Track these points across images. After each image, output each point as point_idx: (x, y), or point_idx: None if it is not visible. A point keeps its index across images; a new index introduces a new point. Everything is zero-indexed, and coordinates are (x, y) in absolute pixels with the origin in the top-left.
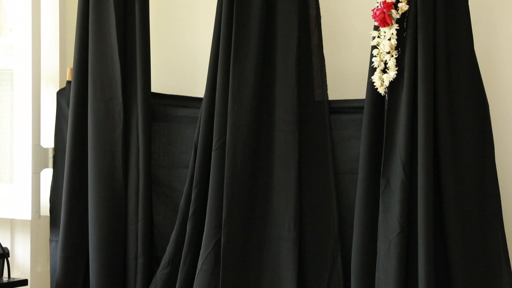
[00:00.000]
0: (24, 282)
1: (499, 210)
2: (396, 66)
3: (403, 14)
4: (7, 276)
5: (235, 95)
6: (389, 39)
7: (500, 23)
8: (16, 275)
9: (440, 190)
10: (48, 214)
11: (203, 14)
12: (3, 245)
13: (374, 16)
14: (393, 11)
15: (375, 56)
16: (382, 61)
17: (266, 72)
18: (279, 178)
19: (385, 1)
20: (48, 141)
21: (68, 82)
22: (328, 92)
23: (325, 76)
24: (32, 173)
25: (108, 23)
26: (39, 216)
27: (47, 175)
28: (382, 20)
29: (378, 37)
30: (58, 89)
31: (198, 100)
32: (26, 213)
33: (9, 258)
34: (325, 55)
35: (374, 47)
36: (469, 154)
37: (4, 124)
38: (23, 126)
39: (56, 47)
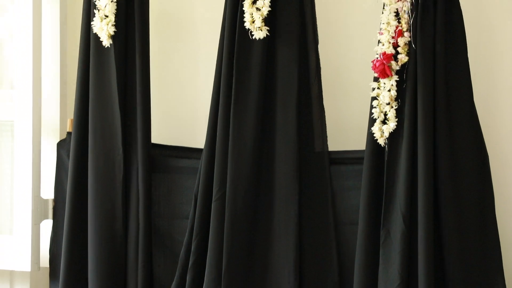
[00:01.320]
0: None
1: (500, 259)
2: (396, 117)
3: (403, 66)
4: None
5: (235, 146)
6: (389, 90)
7: (498, 75)
8: None
9: (440, 241)
10: (47, 265)
11: (203, 64)
12: None
13: (374, 68)
14: (393, 62)
15: (375, 107)
16: (382, 112)
17: (266, 123)
18: (279, 230)
19: (384, 53)
20: (48, 192)
21: (69, 133)
22: (328, 143)
23: (325, 127)
24: (32, 224)
25: (108, 74)
26: (39, 267)
27: (47, 226)
28: (382, 71)
29: (378, 88)
30: (58, 140)
31: (198, 151)
32: (25, 265)
33: None
34: (325, 106)
35: (374, 98)
36: (469, 204)
37: (4, 175)
38: (23, 177)
39: (56, 98)
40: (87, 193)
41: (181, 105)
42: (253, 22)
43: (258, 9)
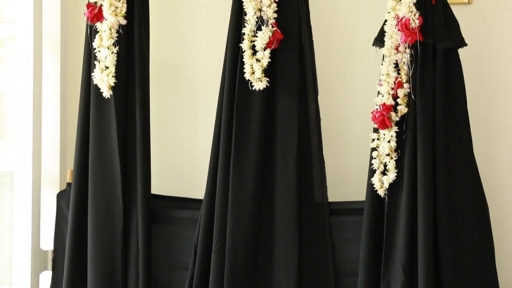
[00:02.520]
0: None
1: None
2: (396, 168)
3: (403, 117)
4: None
5: (235, 197)
6: (389, 141)
7: (498, 127)
8: None
9: None
10: None
11: (203, 115)
12: None
13: (374, 119)
14: (393, 113)
15: (374, 158)
16: (381, 163)
17: (266, 174)
18: (279, 281)
19: (384, 104)
20: (47, 243)
21: (69, 184)
22: (328, 193)
23: (325, 177)
24: (31, 276)
25: (109, 125)
26: None
27: (46, 277)
28: (382, 122)
29: (378, 139)
30: (58, 191)
31: (198, 201)
32: None
33: None
34: (325, 157)
35: (373, 149)
36: (470, 256)
37: (4, 226)
38: (23, 228)
39: (56, 149)
40: (86, 244)
41: (181, 156)
42: (253, 73)
43: (258, 60)
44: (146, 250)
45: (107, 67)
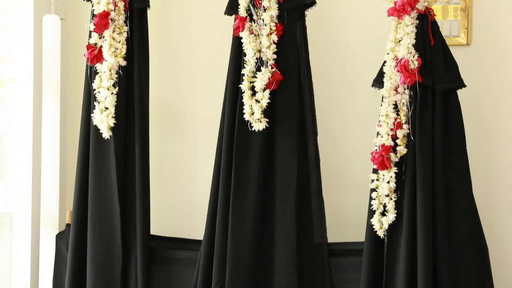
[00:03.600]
0: None
1: None
2: (395, 209)
3: (402, 158)
4: None
5: (235, 238)
6: (388, 182)
7: (497, 168)
8: None
9: None
10: None
11: (203, 156)
12: None
13: (373, 159)
14: (392, 154)
15: (374, 199)
16: (381, 204)
17: (266, 214)
18: None
19: (383, 145)
20: (46, 285)
21: (68, 225)
22: (328, 234)
23: (324, 218)
24: None
25: (108, 166)
26: None
27: None
28: (381, 163)
29: (377, 180)
30: (57, 232)
31: (197, 242)
32: None
33: None
34: (324, 198)
35: (373, 190)
36: None
37: (3, 267)
38: (22, 269)
39: (56, 190)
40: (85, 285)
41: (180, 196)
42: (253, 114)
43: (257, 101)
44: None
45: (106, 108)
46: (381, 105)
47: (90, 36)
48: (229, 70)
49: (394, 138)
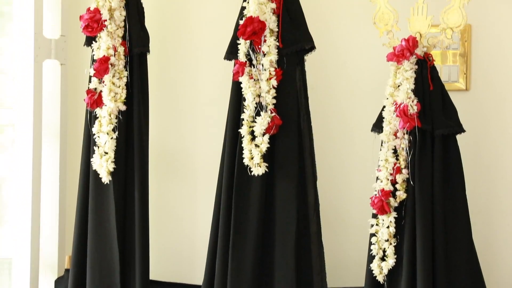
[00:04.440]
0: None
1: None
2: (395, 254)
3: (401, 202)
4: None
5: (234, 282)
6: (388, 227)
7: (497, 213)
8: None
9: None
10: None
11: (202, 201)
12: None
13: (373, 204)
14: (391, 199)
15: (373, 243)
16: (380, 248)
17: (265, 259)
18: None
19: (383, 190)
20: None
21: (66, 270)
22: (327, 279)
23: (324, 263)
24: None
25: (107, 211)
26: None
27: None
28: (381, 208)
29: (377, 224)
30: (56, 277)
31: (197, 287)
32: None
33: None
34: (324, 242)
35: (372, 234)
36: None
37: None
38: None
39: (55, 235)
40: None
41: (180, 241)
42: (252, 158)
43: (257, 145)
44: None
45: (106, 153)
46: (381, 149)
47: (90, 81)
48: (229, 114)
49: (394, 182)
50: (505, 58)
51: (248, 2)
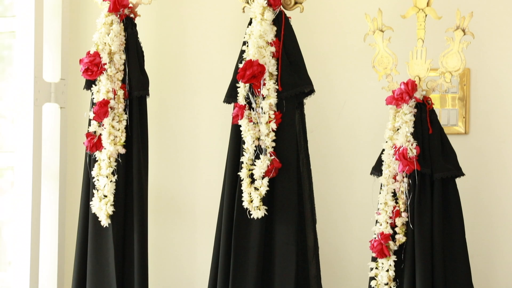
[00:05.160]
0: None
1: None
2: None
3: (401, 246)
4: None
5: None
6: (387, 271)
7: (496, 260)
8: None
9: None
10: None
11: (201, 242)
12: None
13: (372, 248)
14: (391, 242)
15: (373, 287)
16: None
17: None
18: None
19: (382, 233)
20: None
21: None
22: None
23: None
24: None
25: (107, 254)
26: None
27: None
28: (380, 251)
29: (376, 268)
30: None
31: None
32: None
33: None
34: (323, 286)
35: (372, 278)
36: None
37: None
38: None
39: (54, 278)
40: None
41: (179, 283)
42: (251, 201)
43: (256, 188)
44: None
45: (105, 196)
46: (380, 193)
47: (89, 124)
48: (228, 157)
49: (393, 226)
50: (504, 102)
51: (247, 46)
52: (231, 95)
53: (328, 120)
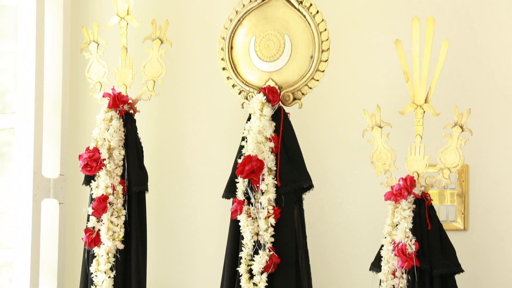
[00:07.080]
0: None
1: None
2: None
3: None
4: None
5: None
6: None
7: None
8: None
9: None
10: None
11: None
12: None
13: None
14: None
15: None
16: None
17: None
18: None
19: None
20: None
21: None
22: None
23: None
24: None
25: None
26: None
27: None
28: None
29: None
30: None
31: None
32: None
33: None
34: None
35: None
36: None
37: None
38: None
39: None
40: None
41: None
42: None
43: (255, 284)
44: None
45: None
46: (380, 285)
47: (88, 220)
48: (227, 252)
49: None
50: (503, 198)
51: (246, 141)
52: (230, 190)
53: (327, 216)
